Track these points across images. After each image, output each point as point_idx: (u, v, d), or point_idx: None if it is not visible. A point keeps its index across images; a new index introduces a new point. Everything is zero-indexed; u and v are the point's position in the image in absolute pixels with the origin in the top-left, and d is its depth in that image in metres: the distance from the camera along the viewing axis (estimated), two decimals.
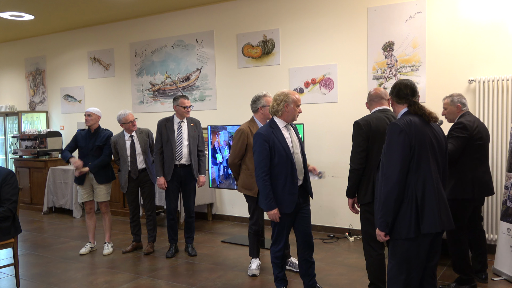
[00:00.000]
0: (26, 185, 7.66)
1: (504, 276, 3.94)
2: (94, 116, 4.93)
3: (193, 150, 4.74)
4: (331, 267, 4.41)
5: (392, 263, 2.59)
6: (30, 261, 4.84)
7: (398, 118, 2.62)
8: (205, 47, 6.52)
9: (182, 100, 4.69)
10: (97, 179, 4.94)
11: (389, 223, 2.50)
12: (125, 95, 7.41)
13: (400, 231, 2.49)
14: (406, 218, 2.47)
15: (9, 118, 8.68)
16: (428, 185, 2.49)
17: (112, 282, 4.15)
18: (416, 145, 2.48)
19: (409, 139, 2.47)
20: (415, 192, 2.47)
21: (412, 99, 2.66)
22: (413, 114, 2.61)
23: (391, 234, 2.54)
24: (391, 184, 2.46)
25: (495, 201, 4.60)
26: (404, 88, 2.67)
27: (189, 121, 4.78)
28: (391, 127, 2.54)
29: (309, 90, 5.71)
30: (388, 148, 2.51)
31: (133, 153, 4.88)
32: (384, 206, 2.49)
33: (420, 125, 2.54)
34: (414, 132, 2.49)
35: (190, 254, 4.83)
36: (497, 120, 4.55)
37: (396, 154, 2.47)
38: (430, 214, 2.47)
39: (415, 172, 2.48)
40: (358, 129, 3.25)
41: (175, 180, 4.71)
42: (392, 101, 2.74)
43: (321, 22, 5.58)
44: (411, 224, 2.46)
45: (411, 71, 5.03)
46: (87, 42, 7.80)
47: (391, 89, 2.76)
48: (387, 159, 2.50)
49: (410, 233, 2.46)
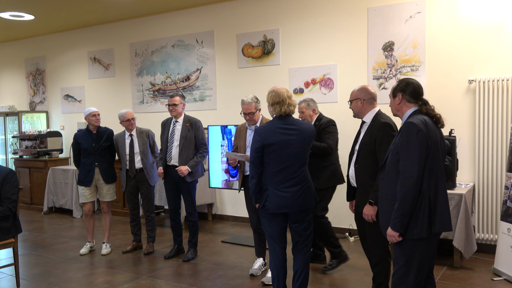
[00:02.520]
0: (26, 185, 7.66)
1: (504, 276, 3.94)
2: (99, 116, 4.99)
3: (186, 151, 4.57)
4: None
5: (400, 264, 2.55)
6: (30, 261, 4.84)
7: (413, 117, 2.54)
8: (205, 47, 6.52)
9: (168, 99, 4.69)
10: (105, 179, 4.95)
11: (405, 223, 2.46)
12: (125, 95, 7.41)
13: (413, 231, 2.47)
14: (419, 218, 2.46)
15: (9, 118, 8.68)
16: (440, 185, 2.50)
17: (112, 282, 4.15)
18: (431, 145, 2.47)
19: (426, 139, 2.45)
20: (428, 192, 2.46)
21: (423, 99, 2.66)
22: (423, 114, 2.58)
23: (403, 234, 2.50)
24: (410, 183, 2.42)
25: (495, 201, 4.60)
26: (418, 88, 2.65)
27: (185, 121, 4.66)
28: (409, 126, 2.49)
29: (309, 90, 5.71)
30: (406, 148, 2.46)
31: (132, 152, 4.89)
32: (402, 206, 2.45)
33: (432, 125, 2.54)
34: (429, 132, 2.49)
35: (188, 258, 4.69)
36: (497, 120, 4.55)
37: (414, 153, 2.43)
38: (442, 214, 2.48)
39: (429, 172, 2.47)
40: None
41: (170, 180, 4.66)
42: (401, 99, 2.65)
43: (321, 22, 5.58)
44: (424, 224, 2.45)
45: (411, 71, 5.03)
46: (87, 42, 7.81)
47: (400, 87, 2.66)
48: (405, 158, 2.46)
49: (423, 233, 2.45)
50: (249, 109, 3.97)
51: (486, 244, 4.68)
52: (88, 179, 4.94)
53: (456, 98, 4.81)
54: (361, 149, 3.18)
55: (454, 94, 4.82)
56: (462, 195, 4.14)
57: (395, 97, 2.69)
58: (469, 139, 4.75)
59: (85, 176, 4.95)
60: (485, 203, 4.65)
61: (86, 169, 4.94)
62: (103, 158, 4.95)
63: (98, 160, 4.92)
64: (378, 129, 3.10)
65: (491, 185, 4.61)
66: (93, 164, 4.92)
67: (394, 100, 2.69)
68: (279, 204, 3.16)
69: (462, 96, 4.78)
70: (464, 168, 4.76)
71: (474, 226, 4.59)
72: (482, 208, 4.67)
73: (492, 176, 4.60)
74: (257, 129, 3.22)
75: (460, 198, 4.14)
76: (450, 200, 4.16)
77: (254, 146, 3.15)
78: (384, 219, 2.62)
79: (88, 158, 4.92)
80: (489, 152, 4.60)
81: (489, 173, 4.61)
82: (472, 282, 3.91)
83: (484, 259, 4.47)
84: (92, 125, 4.94)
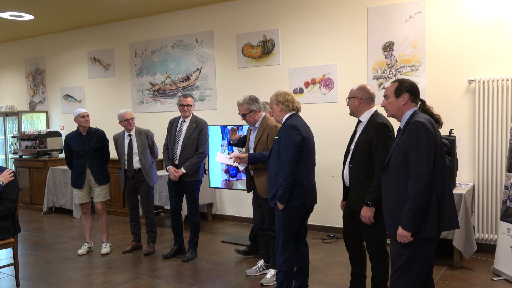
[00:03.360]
0: (26, 185, 7.65)
1: (504, 276, 3.94)
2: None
3: (187, 151, 4.59)
4: (331, 267, 4.41)
5: (400, 263, 2.54)
6: (30, 261, 4.84)
7: (418, 117, 2.53)
8: (205, 47, 6.52)
9: (180, 98, 4.67)
10: (97, 181, 4.94)
11: (418, 222, 2.44)
12: (125, 95, 7.41)
13: (423, 230, 2.46)
14: (428, 217, 2.46)
15: (9, 118, 8.68)
16: (446, 183, 2.51)
17: (112, 282, 4.15)
18: (438, 144, 2.49)
19: (434, 137, 2.47)
20: (436, 191, 2.47)
21: (422, 99, 2.69)
22: (424, 113, 2.60)
23: (415, 234, 2.48)
24: (423, 182, 2.41)
25: (495, 201, 4.60)
26: (417, 88, 2.68)
27: (192, 121, 4.67)
28: (416, 125, 2.47)
29: (309, 90, 5.71)
30: (416, 147, 2.45)
31: (130, 152, 4.88)
32: (415, 205, 2.42)
33: (435, 124, 2.57)
34: (435, 131, 2.51)
35: (188, 258, 4.68)
36: (497, 120, 4.55)
37: (425, 151, 2.43)
38: (449, 212, 2.49)
39: (436, 170, 2.47)
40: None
41: (174, 180, 4.70)
42: (407, 100, 2.63)
43: (321, 22, 5.58)
44: (433, 223, 2.45)
45: (411, 71, 5.03)
46: (87, 42, 7.80)
47: (406, 87, 2.65)
48: (416, 157, 2.44)
49: (432, 232, 2.45)
50: (240, 110, 4.00)
51: (486, 244, 4.68)
52: (80, 181, 4.92)
53: (456, 98, 4.81)
54: (356, 148, 3.16)
55: (454, 94, 4.82)
56: (462, 195, 4.14)
57: (398, 97, 2.65)
58: (469, 139, 4.75)
59: (77, 179, 4.93)
60: (485, 203, 4.65)
61: (78, 171, 4.92)
62: (94, 160, 4.91)
63: (89, 162, 4.89)
64: (374, 129, 3.08)
65: (491, 185, 4.61)
66: (84, 166, 4.90)
67: (398, 100, 2.65)
68: (314, 197, 3.38)
69: (462, 96, 4.78)
70: (464, 168, 4.76)
71: (474, 226, 4.59)
72: (482, 208, 4.67)
73: (492, 176, 4.60)
74: (293, 124, 3.29)
75: (460, 198, 4.13)
76: None
77: (293, 141, 3.21)
78: (390, 220, 2.60)
79: (79, 161, 4.90)
80: (489, 152, 4.60)
81: (489, 173, 4.61)
82: (472, 282, 3.91)
83: (484, 259, 4.48)
84: (82, 126, 4.88)
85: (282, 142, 3.25)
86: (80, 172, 4.91)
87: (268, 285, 3.93)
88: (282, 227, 3.31)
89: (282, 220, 3.31)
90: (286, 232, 3.32)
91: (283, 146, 3.24)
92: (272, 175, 3.35)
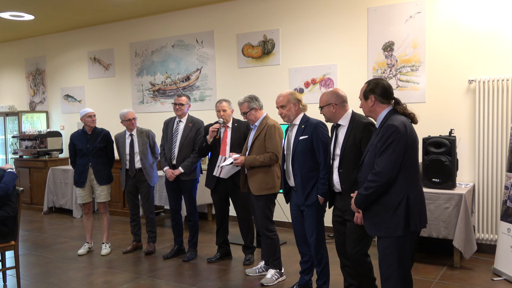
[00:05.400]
0: (26, 185, 7.66)
1: (504, 276, 3.94)
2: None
3: (185, 151, 4.60)
4: (331, 267, 4.38)
5: (382, 260, 2.66)
6: (30, 261, 4.84)
7: (393, 119, 2.58)
8: (205, 47, 6.52)
9: (175, 97, 4.72)
10: (98, 181, 4.94)
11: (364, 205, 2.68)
12: (125, 95, 7.41)
13: (392, 230, 2.56)
14: (397, 217, 2.54)
15: (9, 118, 8.68)
16: (416, 185, 2.60)
17: (112, 282, 4.15)
18: (410, 145, 2.54)
19: (405, 140, 2.52)
20: (407, 191, 2.54)
21: (396, 98, 2.70)
22: (399, 114, 2.63)
23: (383, 232, 2.61)
24: (382, 182, 2.53)
25: (495, 201, 4.60)
26: (388, 88, 2.69)
27: (188, 121, 4.69)
28: (388, 128, 2.53)
29: (309, 90, 5.71)
30: (384, 149, 2.52)
31: (132, 152, 4.89)
32: (367, 199, 2.62)
33: (410, 125, 2.60)
34: (409, 132, 2.54)
35: (188, 258, 4.68)
36: (497, 120, 4.55)
37: (393, 155, 2.51)
38: (420, 212, 2.60)
39: (408, 171, 2.54)
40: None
41: (172, 180, 4.69)
42: (374, 101, 2.67)
43: (321, 22, 5.58)
44: (402, 223, 2.54)
45: (411, 71, 5.03)
46: (87, 42, 7.80)
47: (370, 88, 2.69)
48: (382, 157, 2.53)
49: (399, 231, 2.55)
50: (241, 109, 4.04)
51: (486, 244, 4.68)
52: (82, 180, 4.93)
53: (456, 98, 4.81)
54: (344, 153, 3.07)
55: (454, 94, 4.82)
56: (462, 195, 4.14)
57: (367, 99, 2.71)
58: (469, 139, 4.75)
59: (79, 177, 4.95)
60: (485, 203, 4.65)
61: (80, 170, 4.93)
62: (97, 159, 4.93)
63: (92, 161, 4.91)
64: (362, 130, 3.03)
65: (491, 185, 4.61)
66: (87, 165, 4.91)
67: (367, 102, 2.72)
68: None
69: (462, 96, 4.78)
70: (464, 168, 4.76)
71: (474, 226, 4.59)
72: (482, 208, 4.67)
73: (492, 176, 4.60)
74: (322, 123, 3.45)
75: (460, 198, 4.14)
76: (450, 200, 4.17)
77: (326, 139, 3.39)
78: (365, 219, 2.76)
79: (82, 159, 4.91)
80: (489, 152, 4.60)
81: (489, 173, 4.61)
82: (472, 282, 3.91)
83: (484, 259, 4.48)
84: (88, 126, 4.93)
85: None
86: (83, 170, 4.92)
87: (268, 285, 3.93)
88: (316, 225, 3.51)
89: (316, 219, 3.49)
90: (319, 229, 3.55)
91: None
92: (304, 175, 3.43)
